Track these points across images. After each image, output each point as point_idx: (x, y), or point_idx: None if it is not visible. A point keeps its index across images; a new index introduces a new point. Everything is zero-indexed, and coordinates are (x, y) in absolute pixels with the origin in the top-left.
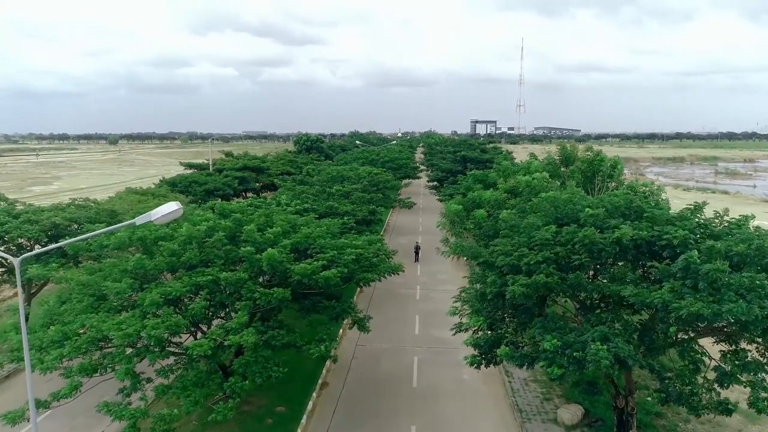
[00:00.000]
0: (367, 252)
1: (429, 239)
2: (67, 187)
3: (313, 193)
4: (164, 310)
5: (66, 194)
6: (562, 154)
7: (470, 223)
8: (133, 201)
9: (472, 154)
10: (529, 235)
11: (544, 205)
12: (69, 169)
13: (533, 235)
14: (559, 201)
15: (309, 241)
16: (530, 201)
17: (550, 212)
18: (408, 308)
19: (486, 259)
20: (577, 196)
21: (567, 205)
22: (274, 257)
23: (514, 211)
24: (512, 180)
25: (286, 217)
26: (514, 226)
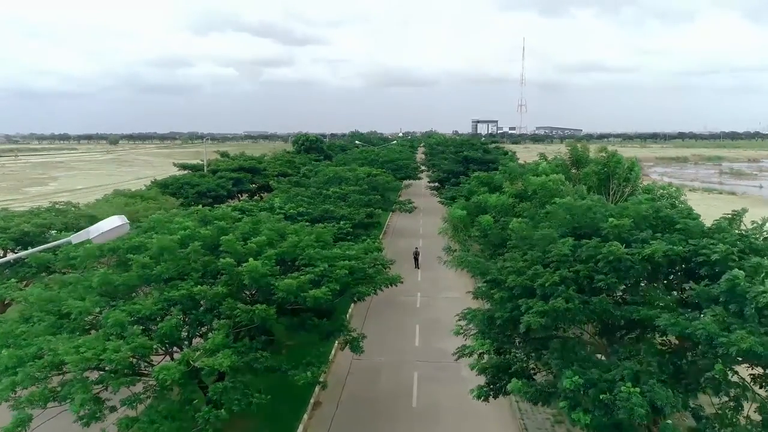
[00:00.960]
0: (363, 262)
1: (430, 243)
2: (63, 188)
3: (308, 196)
4: (130, 331)
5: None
6: (573, 155)
7: (475, 230)
8: (119, 204)
9: (475, 155)
10: (544, 249)
11: (560, 213)
12: (67, 169)
13: (549, 249)
14: (576, 209)
15: (297, 251)
16: (543, 207)
17: (566, 222)
18: (408, 317)
19: (495, 278)
20: (597, 203)
21: (586, 214)
22: (256, 270)
23: (525, 220)
24: (519, 183)
25: (273, 225)
26: (526, 238)
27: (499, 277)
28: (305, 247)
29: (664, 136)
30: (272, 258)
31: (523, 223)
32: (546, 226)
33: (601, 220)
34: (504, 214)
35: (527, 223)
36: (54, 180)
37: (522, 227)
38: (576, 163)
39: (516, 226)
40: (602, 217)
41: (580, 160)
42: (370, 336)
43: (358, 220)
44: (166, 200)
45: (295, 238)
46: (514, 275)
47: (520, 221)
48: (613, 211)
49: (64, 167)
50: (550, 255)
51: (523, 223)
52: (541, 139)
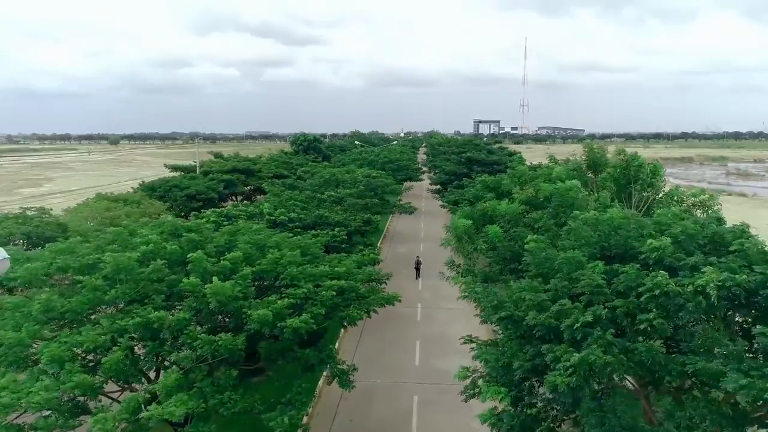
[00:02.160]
0: (355, 279)
1: (431, 247)
2: (57, 189)
3: (301, 200)
4: (69, 367)
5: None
6: (589, 158)
7: (482, 242)
8: (99, 209)
9: (479, 156)
10: (569, 276)
11: (583, 230)
12: (65, 170)
13: (575, 276)
14: (602, 224)
15: (278, 269)
16: (559, 216)
17: (591, 240)
18: (407, 331)
19: (510, 314)
20: (631, 219)
21: (617, 232)
22: (224, 292)
23: (541, 238)
24: (530, 189)
25: (251, 237)
26: (545, 261)
27: (515, 314)
28: (287, 265)
29: (668, 136)
30: (248, 277)
31: (541, 241)
32: (568, 245)
33: (634, 239)
34: (514, 223)
35: (544, 240)
36: (49, 181)
37: (540, 247)
38: (592, 166)
39: (533, 247)
40: (636, 236)
41: (597, 164)
42: (366, 354)
43: (354, 227)
44: (150, 204)
45: (276, 254)
46: (534, 312)
47: (536, 239)
48: (647, 227)
49: (61, 167)
50: (580, 285)
51: (540, 242)
52: (544, 139)
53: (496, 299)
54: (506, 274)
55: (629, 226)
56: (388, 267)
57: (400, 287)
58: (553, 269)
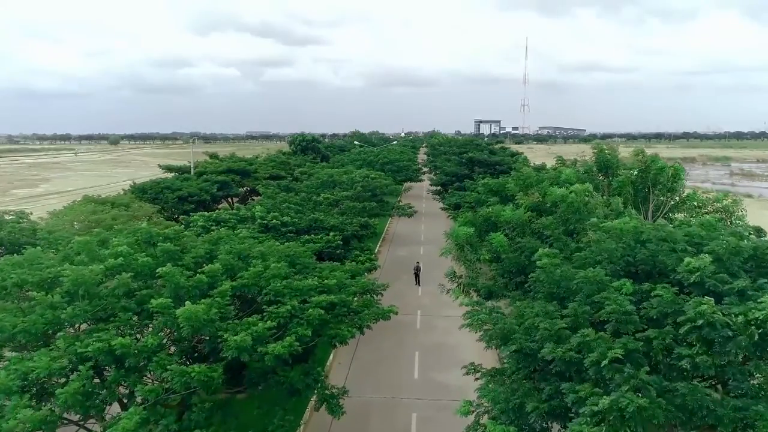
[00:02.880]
0: (347, 292)
1: (432, 251)
2: (53, 190)
3: (296, 202)
4: (15, 401)
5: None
6: (600, 159)
7: (485, 251)
8: (85, 212)
9: (480, 156)
10: (591, 298)
11: (607, 244)
12: (63, 170)
13: (598, 299)
14: (627, 236)
15: (261, 282)
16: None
17: (613, 254)
18: (406, 341)
19: (522, 347)
20: (663, 230)
21: (644, 245)
22: (196, 316)
23: (554, 252)
24: (537, 193)
25: (234, 246)
26: (561, 280)
27: (528, 345)
28: (271, 278)
29: (669, 136)
30: (226, 294)
31: (554, 256)
32: (588, 259)
33: (664, 254)
34: (520, 231)
35: (557, 255)
36: (46, 181)
37: (554, 263)
38: (603, 168)
39: (546, 263)
40: (668, 251)
41: (609, 166)
42: (363, 365)
43: (350, 231)
44: (140, 207)
45: (259, 266)
46: (551, 343)
47: (549, 253)
48: (679, 240)
49: (60, 168)
50: (603, 311)
51: (553, 257)
52: (545, 139)
53: (505, 327)
54: (512, 288)
55: (658, 238)
56: (387, 271)
57: (400, 293)
58: (570, 289)
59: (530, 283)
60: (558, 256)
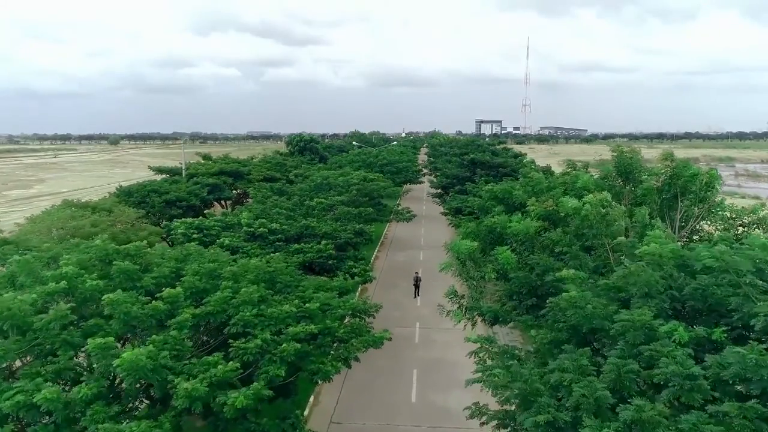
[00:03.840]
0: (332, 317)
1: (432, 256)
2: (47, 191)
3: (287, 207)
4: None
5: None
6: (619, 163)
7: (490, 269)
8: (63, 218)
9: (483, 158)
10: (636, 348)
11: (646, 275)
12: (60, 170)
13: (646, 351)
14: (668, 262)
15: (229, 310)
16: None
17: (654, 287)
18: (403, 357)
19: (555, 419)
20: (721, 255)
21: (693, 276)
22: (137, 365)
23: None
24: (550, 201)
25: (202, 264)
26: (590, 318)
27: (560, 418)
28: (240, 305)
29: (671, 136)
30: (186, 325)
31: (581, 288)
32: (621, 293)
33: (724, 288)
34: (529, 247)
35: (584, 282)
36: (41, 182)
37: (584, 298)
38: (624, 174)
39: (571, 298)
40: (726, 283)
41: (631, 171)
42: (357, 385)
43: (344, 239)
44: (123, 212)
45: (227, 290)
46: (590, 418)
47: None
48: (743, 267)
49: (57, 168)
50: (657, 372)
51: (581, 289)
52: (546, 139)
53: (526, 386)
54: (522, 312)
55: (715, 265)
56: (384, 278)
57: (398, 303)
58: (605, 331)
59: (548, 311)
60: (586, 281)
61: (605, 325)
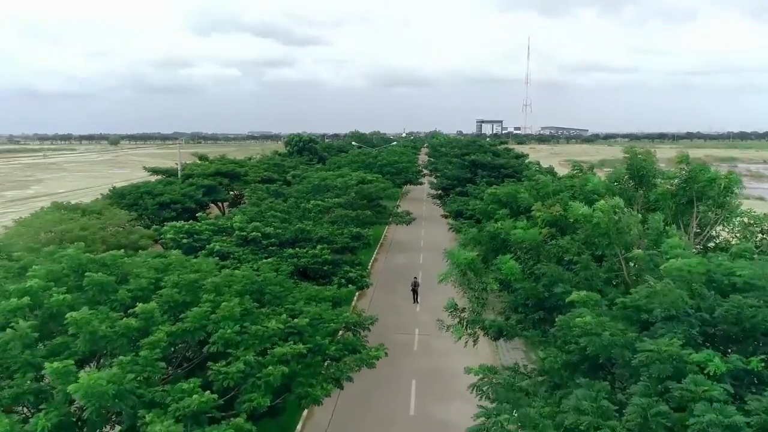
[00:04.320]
0: (326, 330)
1: (432, 259)
2: (44, 192)
3: (283, 210)
4: None
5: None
6: (632, 166)
7: (493, 280)
8: (52, 221)
9: (484, 159)
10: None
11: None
12: (58, 170)
13: (677, 390)
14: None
15: (209, 327)
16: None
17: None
18: (402, 365)
19: None
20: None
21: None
22: (97, 390)
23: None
24: (557, 206)
25: (182, 277)
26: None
27: None
28: (221, 321)
29: (673, 136)
30: (160, 345)
31: (596, 312)
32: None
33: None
34: (536, 256)
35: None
36: (38, 182)
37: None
38: (637, 177)
39: (585, 323)
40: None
41: (645, 174)
42: (352, 396)
43: (340, 244)
44: (114, 215)
45: (207, 303)
46: None
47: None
48: None
49: (55, 168)
50: (694, 423)
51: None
52: (547, 139)
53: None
54: (528, 327)
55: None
56: (384, 281)
57: (397, 308)
58: (625, 361)
59: (557, 330)
60: (600, 302)
61: (625, 354)
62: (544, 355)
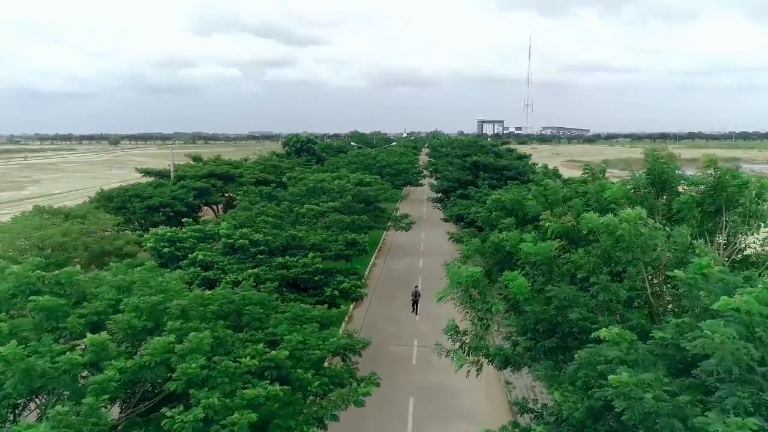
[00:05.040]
0: (309, 360)
1: (433, 264)
2: (39, 193)
3: (275, 214)
4: None
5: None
6: (653, 170)
7: (498, 300)
8: (32, 225)
9: (486, 160)
10: None
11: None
12: (56, 171)
13: None
14: (757, 319)
15: (172, 361)
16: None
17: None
18: (399, 382)
19: None
20: None
21: None
22: None
23: (630, 338)
24: (568, 216)
25: (144, 300)
26: (656, 415)
27: None
28: (188, 354)
29: (674, 136)
30: (110, 387)
31: (627, 348)
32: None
33: None
34: (546, 270)
35: (634, 341)
36: (35, 183)
37: (640, 384)
38: (658, 183)
39: (618, 384)
40: None
41: (667, 180)
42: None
43: (334, 251)
44: (98, 219)
45: (170, 335)
46: None
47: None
48: None
49: (53, 169)
50: None
51: (634, 373)
52: (549, 139)
53: None
54: (540, 355)
55: None
56: (382, 288)
57: (395, 317)
58: None
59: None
60: (636, 344)
61: (676, 427)
62: (561, 398)
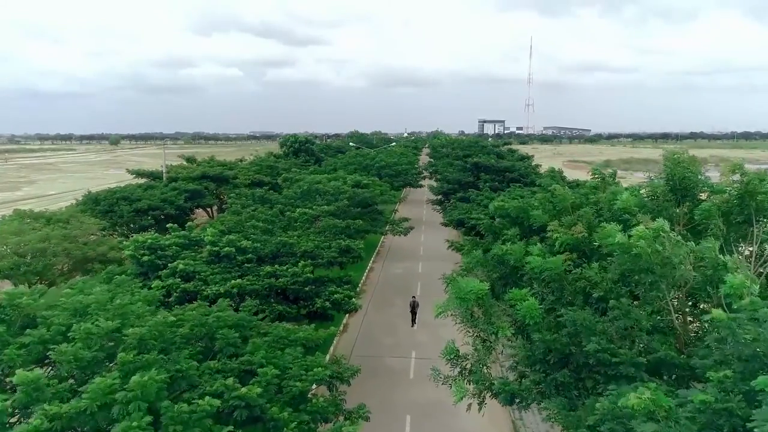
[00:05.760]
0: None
1: (432, 268)
2: (34, 193)
3: (266, 219)
4: None
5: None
6: (673, 176)
7: (507, 325)
8: (10, 231)
9: (487, 161)
10: None
11: None
12: (53, 171)
13: None
14: None
15: (113, 412)
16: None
17: None
18: (395, 398)
19: None
20: None
21: None
22: None
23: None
24: (579, 226)
25: (96, 326)
26: None
27: None
28: (131, 402)
29: (676, 136)
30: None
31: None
32: None
33: None
34: (557, 287)
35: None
36: (31, 184)
37: None
38: (679, 189)
39: None
40: None
41: (688, 186)
42: None
43: (326, 259)
44: (82, 223)
45: (117, 371)
46: None
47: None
48: None
49: (51, 169)
50: None
51: None
52: (550, 139)
53: None
54: (551, 390)
55: None
56: (379, 294)
57: (392, 326)
58: None
59: (599, 421)
60: (674, 413)
61: None
62: None
